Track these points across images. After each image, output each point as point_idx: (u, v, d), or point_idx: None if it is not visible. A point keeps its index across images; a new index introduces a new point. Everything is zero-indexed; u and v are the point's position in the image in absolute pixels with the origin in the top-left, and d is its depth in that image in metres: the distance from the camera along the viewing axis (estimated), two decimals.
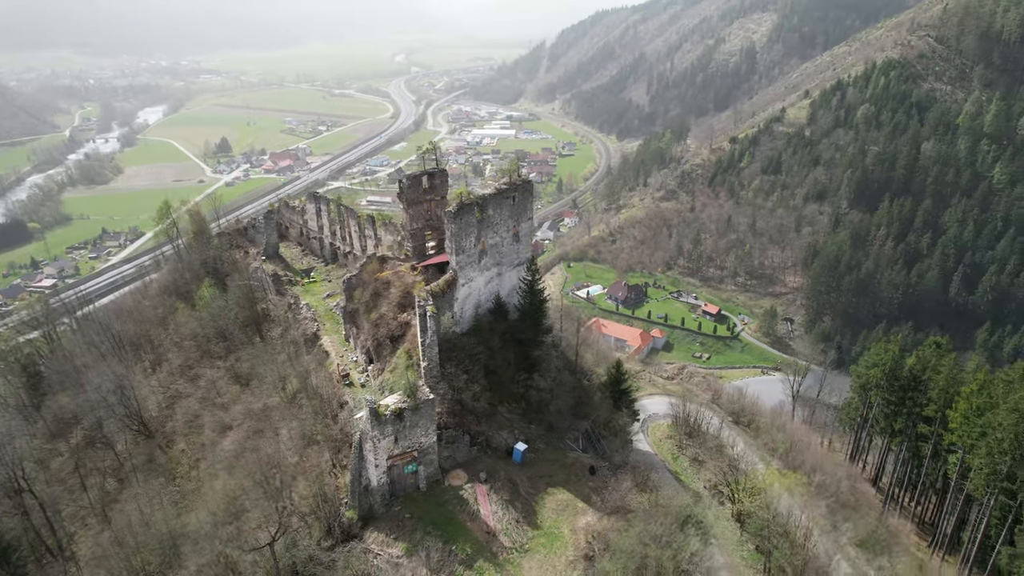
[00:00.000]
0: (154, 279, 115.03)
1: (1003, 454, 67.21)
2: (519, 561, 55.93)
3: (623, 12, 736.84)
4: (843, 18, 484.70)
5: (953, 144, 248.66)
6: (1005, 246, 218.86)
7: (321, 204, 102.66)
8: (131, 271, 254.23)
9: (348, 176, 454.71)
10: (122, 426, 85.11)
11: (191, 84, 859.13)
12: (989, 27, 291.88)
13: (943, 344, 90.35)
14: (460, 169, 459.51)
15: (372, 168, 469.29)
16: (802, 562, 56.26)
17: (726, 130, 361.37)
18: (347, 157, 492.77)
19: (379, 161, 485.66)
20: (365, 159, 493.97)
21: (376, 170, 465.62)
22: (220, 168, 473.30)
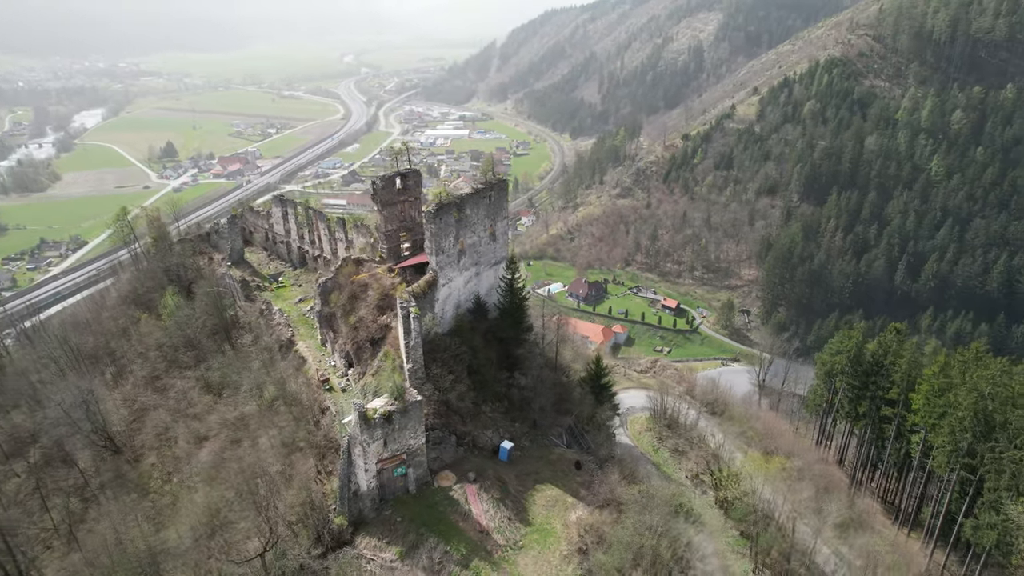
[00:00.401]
0: (111, 288, 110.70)
1: (964, 431, 70.56)
2: (514, 558, 56.14)
3: (572, 11, 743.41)
4: (785, 17, 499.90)
5: (894, 139, 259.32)
6: (944, 235, 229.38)
7: (288, 208, 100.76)
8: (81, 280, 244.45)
9: (301, 179, 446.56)
10: (87, 442, 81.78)
11: (131, 87, 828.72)
12: (921, 27, 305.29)
13: (903, 330, 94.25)
14: None
15: (325, 171, 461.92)
16: (788, 546, 58.00)
17: (678, 127, 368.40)
18: (298, 160, 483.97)
19: (332, 163, 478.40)
20: (317, 161, 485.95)
21: (329, 172, 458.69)
22: (166, 173, 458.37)
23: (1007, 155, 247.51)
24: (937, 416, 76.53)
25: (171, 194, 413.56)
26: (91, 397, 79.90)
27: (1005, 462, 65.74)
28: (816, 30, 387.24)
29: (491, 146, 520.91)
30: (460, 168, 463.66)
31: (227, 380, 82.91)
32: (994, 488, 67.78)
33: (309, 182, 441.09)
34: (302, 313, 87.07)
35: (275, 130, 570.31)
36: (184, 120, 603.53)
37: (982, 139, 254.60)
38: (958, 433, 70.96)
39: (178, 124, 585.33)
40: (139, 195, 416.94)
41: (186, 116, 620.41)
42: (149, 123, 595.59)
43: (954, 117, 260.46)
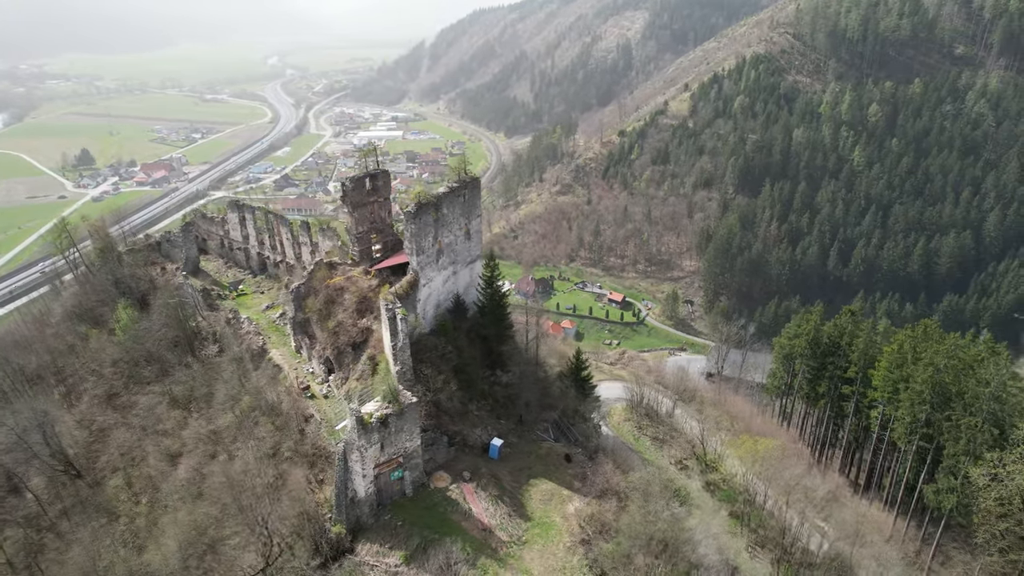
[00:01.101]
0: (55, 304, 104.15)
1: (922, 404, 75.24)
2: (519, 554, 56.33)
3: (500, 11, 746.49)
4: (708, 16, 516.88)
5: (819, 131, 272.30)
6: (869, 221, 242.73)
7: (245, 213, 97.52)
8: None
9: (231, 185, 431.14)
10: (43, 468, 76.93)
11: (35, 90, 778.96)
12: (835, 26, 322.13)
13: (857, 312, 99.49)
14: (350, 172, 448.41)
15: (256, 175, 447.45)
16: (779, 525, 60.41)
17: (613, 124, 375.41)
18: (227, 165, 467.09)
19: (263, 168, 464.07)
20: (247, 166, 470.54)
21: (260, 177, 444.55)
22: (84, 182, 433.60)
23: (919, 145, 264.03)
24: (894, 390, 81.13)
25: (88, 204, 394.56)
26: (46, 419, 75.09)
27: (962, 429, 70.43)
28: (739, 28, 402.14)
29: (426, 146, 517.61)
30: (397, 169, 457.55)
31: (196, 393, 79.75)
32: (952, 454, 72.51)
33: (240, 188, 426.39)
34: (272, 320, 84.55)
35: (200, 135, 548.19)
36: (99, 126, 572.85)
37: (896, 131, 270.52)
38: (916, 405, 75.54)
39: (92, 130, 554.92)
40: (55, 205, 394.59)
41: (101, 121, 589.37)
42: (59, 129, 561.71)
43: (871, 110, 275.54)
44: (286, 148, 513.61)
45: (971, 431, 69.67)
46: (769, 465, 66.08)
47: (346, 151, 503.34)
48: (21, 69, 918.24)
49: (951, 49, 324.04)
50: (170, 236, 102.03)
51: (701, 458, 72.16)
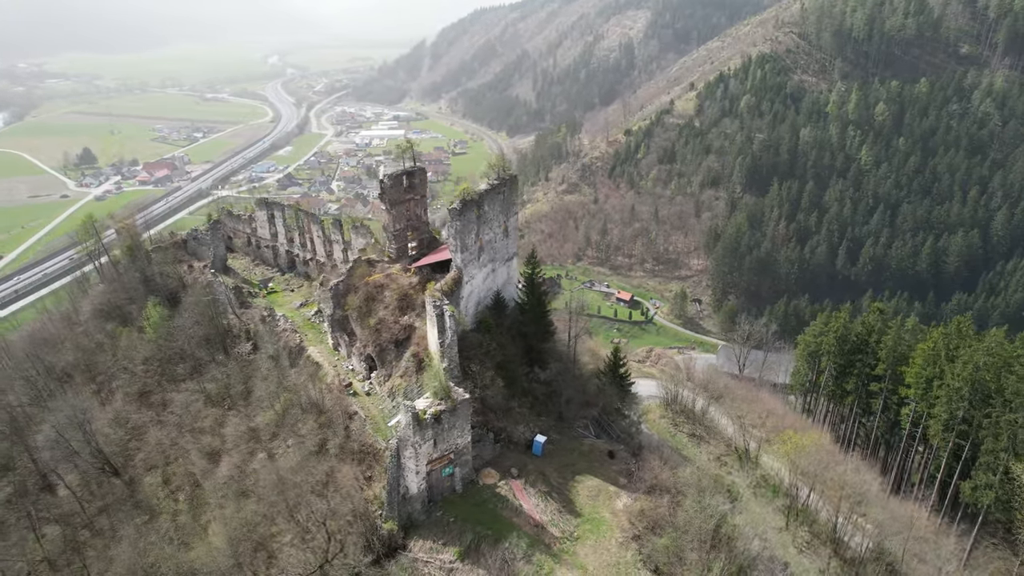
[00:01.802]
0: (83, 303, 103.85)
1: (961, 400, 75.62)
2: (573, 549, 56.46)
3: (501, 10, 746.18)
4: (710, 15, 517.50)
5: (826, 130, 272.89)
6: (877, 220, 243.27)
7: (274, 211, 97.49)
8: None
9: (234, 184, 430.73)
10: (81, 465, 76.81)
11: (35, 89, 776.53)
12: (841, 25, 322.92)
13: (886, 310, 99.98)
14: (353, 172, 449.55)
15: (259, 175, 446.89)
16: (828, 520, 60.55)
17: (618, 123, 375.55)
18: (230, 164, 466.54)
19: (265, 167, 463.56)
20: (250, 165, 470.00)
21: (263, 176, 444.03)
22: (86, 181, 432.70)
23: (926, 144, 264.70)
24: (927, 387, 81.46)
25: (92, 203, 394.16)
26: (86, 417, 74.96)
27: (1003, 425, 70.80)
28: (743, 27, 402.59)
29: (429, 146, 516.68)
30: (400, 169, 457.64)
31: (232, 391, 79.72)
32: (991, 450, 72.87)
33: (243, 187, 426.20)
34: (307, 318, 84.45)
35: (202, 134, 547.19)
36: (100, 125, 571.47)
37: (903, 130, 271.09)
38: (954, 402, 75.87)
39: (93, 129, 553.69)
40: (58, 204, 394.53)
41: (101, 120, 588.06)
42: (60, 128, 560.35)
43: (877, 110, 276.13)
44: (288, 147, 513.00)
45: (1012, 427, 70.05)
46: (814, 460, 66.44)
47: (348, 150, 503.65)
48: (20, 68, 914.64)
49: (956, 48, 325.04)
50: (197, 234, 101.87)
51: (742, 454, 72.41)
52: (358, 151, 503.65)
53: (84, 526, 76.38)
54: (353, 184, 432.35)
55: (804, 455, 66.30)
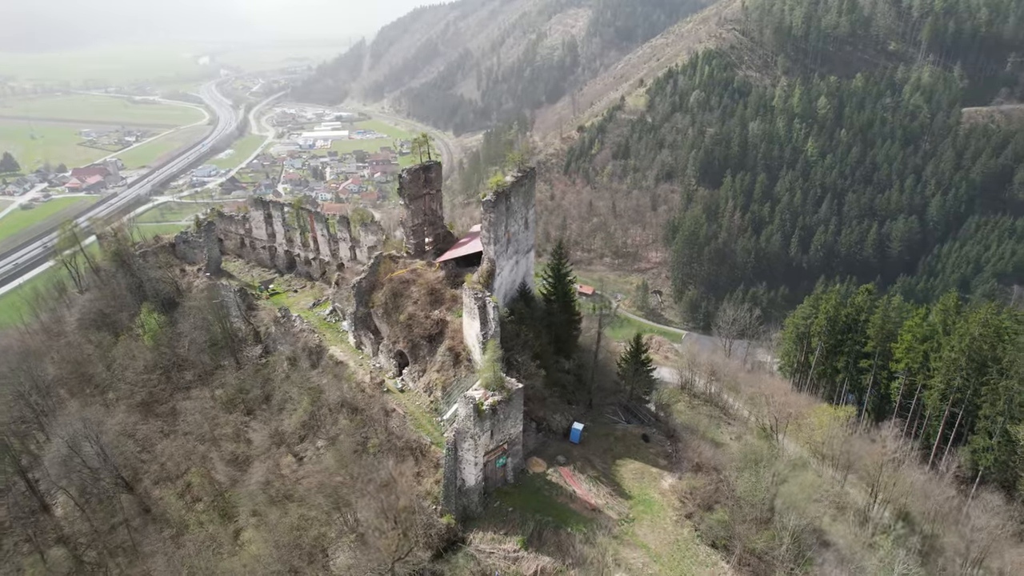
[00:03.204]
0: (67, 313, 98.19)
1: (958, 370, 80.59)
2: (631, 530, 57.57)
3: (441, 9, 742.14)
4: (650, 13, 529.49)
5: (773, 124, 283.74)
6: (826, 209, 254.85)
7: (271, 210, 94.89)
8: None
9: (175, 189, 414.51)
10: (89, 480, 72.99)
11: None
12: (781, 23, 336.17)
13: (873, 291, 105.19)
14: (299, 174, 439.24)
15: (200, 179, 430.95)
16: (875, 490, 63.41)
17: (569, 120, 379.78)
18: (168, 169, 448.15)
19: (206, 171, 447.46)
20: (190, 170, 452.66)
21: (205, 180, 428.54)
22: (9, 188, 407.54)
23: (865, 136, 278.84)
24: (923, 361, 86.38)
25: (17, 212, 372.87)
26: (99, 429, 71.32)
27: (1000, 391, 75.91)
28: (685, 24, 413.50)
29: (375, 146, 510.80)
30: (347, 170, 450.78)
31: (249, 396, 77.38)
32: (988, 415, 77.98)
33: (184, 192, 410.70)
34: (322, 318, 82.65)
35: (134, 138, 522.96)
36: (18, 128, 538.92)
37: (843, 122, 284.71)
38: (952, 372, 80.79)
39: (11, 133, 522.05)
40: None
41: (19, 124, 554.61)
42: None
43: (819, 103, 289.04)
44: (229, 150, 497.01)
45: (1009, 393, 75.19)
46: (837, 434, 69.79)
47: (292, 152, 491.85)
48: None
49: (885, 45, 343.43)
50: (188, 236, 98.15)
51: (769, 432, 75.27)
52: (302, 152, 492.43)
53: (89, 545, 72.90)
54: (300, 186, 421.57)
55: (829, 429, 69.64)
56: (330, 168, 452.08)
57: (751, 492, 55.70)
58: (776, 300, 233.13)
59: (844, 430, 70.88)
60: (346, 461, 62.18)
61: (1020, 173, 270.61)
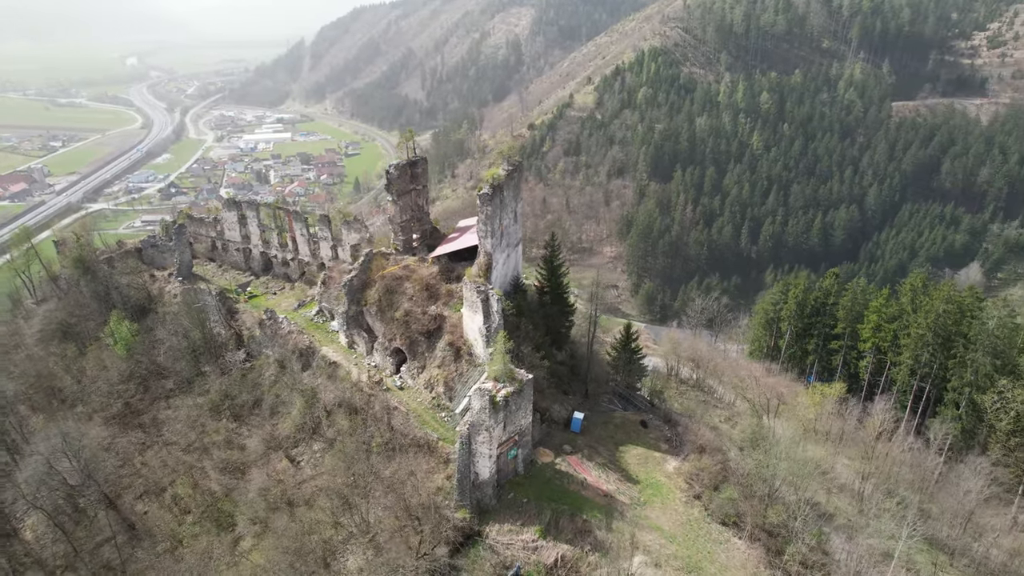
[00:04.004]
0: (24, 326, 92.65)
1: (926, 346, 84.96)
2: (644, 513, 58.47)
3: (382, 8, 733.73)
4: (592, 12, 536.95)
5: (719, 119, 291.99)
6: (773, 200, 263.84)
7: (246, 211, 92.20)
8: None
9: (110, 196, 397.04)
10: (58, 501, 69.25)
11: None
12: (722, 20, 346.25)
13: (839, 275, 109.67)
14: (242, 178, 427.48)
15: (137, 185, 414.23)
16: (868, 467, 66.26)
17: (518, 118, 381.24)
18: (101, 175, 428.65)
19: (143, 177, 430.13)
20: (124, 176, 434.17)
21: (143, 186, 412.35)
22: None
23: (806, 129, 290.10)
24: (893, 340, 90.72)
25: None
26: (79, 444, 67.77)
27: (967, 364, 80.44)
28: (628, 23, 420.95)
29: (319, 148, 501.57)
30: (292, 173, 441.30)
31: (237, 401, 75.08)
32: (956, 387, 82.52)
33: (121, 198, 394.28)
34: (308, 319, 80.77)
35: (60, 143, 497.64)
36: None
37: (785, 117, 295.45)
38: (921, 348, 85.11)
39: None
40: None
41: None
42: None
43: (762, 98, 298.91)
44: (166, 155, 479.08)
45: (975, 364, 79.74)
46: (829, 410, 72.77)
47: (233, 155, 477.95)
48: None
49: (819, 43, 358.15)
50: (156, 240, 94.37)
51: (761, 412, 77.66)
52: (244, 156, 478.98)
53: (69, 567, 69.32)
54: (243, 190, 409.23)
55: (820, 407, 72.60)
56: (274, 171, 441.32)
57: (761, 469, 57.48)
58: (729, 289, 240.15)
59: (836, 407, 74.04)
60: (353, 460, 61.05)
61: (946, 164, 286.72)
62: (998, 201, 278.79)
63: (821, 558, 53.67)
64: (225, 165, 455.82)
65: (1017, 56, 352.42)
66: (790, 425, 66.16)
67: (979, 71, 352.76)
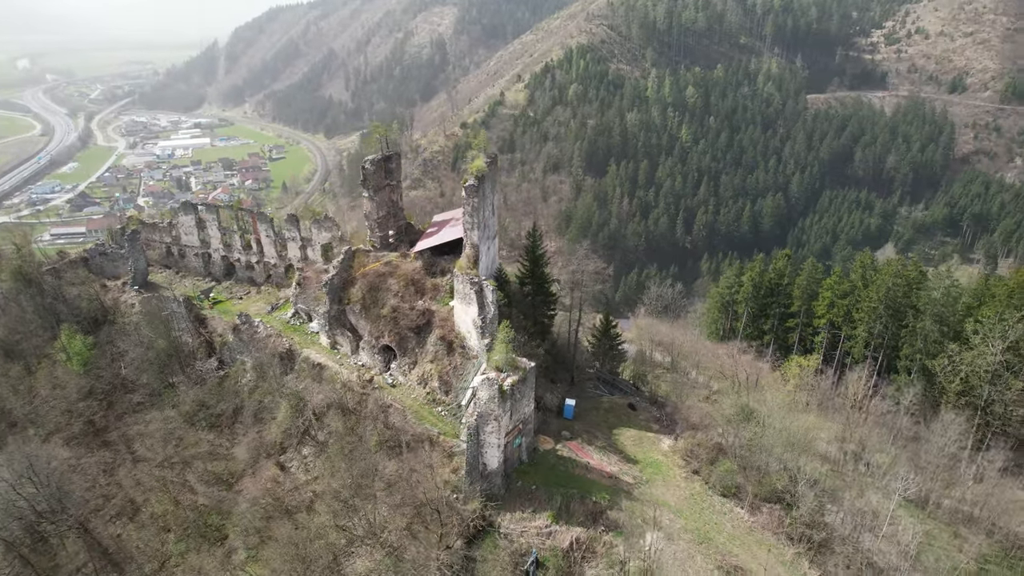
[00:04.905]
0: None
1: (879, 318, 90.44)
2: (649, 491, 59.83)
3: (299, 9, 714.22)
4: (515, 10, 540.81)
5: (648, 113, 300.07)
6: (704, 191, 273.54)
7: (205, 214, 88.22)
8: None
9: (10, 208, 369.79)
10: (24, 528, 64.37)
11: None
12: (646, 18, 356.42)
13: (791, 255, 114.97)
14: (161, 186, 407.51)
15: (42, 196, 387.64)
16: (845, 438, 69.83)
17: (449, 117, 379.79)
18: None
19: (48, 187, 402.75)
20: (26, 187, 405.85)
21: (49, 197, 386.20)
22: None
23: (731, 122, 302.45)
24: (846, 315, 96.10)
25: None
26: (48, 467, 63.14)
27: (917, 332, 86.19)
28: (553, 21, 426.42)
29: (241, 152, 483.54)
30: (214, 179, 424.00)
31: (214, 411, 71.96)
32: (908, 355, 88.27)
33: (24, 211, 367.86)
34: (284, 321, 78.07)
35: None
36: None
37: (711, 110, 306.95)
38: (874, 321, 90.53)
39: None
40: None
41: None
42: None
43: (688, 93, 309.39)
44: (72, 164, 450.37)
45: (924, 332, 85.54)
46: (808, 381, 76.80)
47: (149, 163, 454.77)
48: None
49: (737, 39, 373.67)
50: (105, 248, 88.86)
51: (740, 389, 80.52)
52: (161, 163, 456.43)
53: None
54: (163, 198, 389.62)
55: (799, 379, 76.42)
56: (195, 178, 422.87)
57: (757, 439, 59.90)
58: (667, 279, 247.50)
59: (814, 378, 78.12)
60: (354, 461, 59.65)
61: (858, 152, 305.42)
62: (904, 186, 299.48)
63: (820, 519, 56.46)
64: (141, 173, 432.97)
65: (911, 52, 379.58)
66: (776, 396, 69.10)
67: (879, 66, 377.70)
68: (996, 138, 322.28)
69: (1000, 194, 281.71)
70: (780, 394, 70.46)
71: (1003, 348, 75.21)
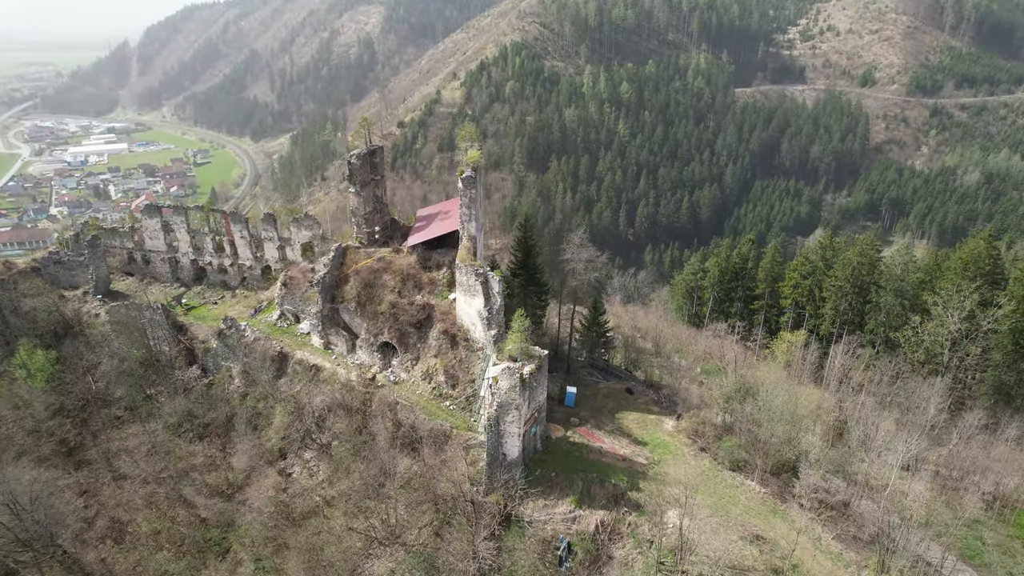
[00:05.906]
0: None
1: (844, 296, 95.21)
2: (663, 471, 61.04)
3: (217, 7, 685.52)
4: (443, 9, 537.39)
5: (586, 109, 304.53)
6: (643, 184, 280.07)
7: (172, 217, 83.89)
8: None
9: None
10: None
11: None
12: (577, 15, 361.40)
13: (755, 240, 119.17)
14: (77, 194, 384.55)
15: None
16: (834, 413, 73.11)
17: (384, 116, 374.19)
18: None
19: None
20: None
21: None
22: None
23: (665, 116, 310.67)
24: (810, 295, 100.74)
25: None
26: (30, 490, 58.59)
27: (881, 306, 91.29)
28: (484, 19, 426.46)
29: (163, 158, 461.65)
30: (136, 186, 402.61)
31: (200, 421, 68.70)
32: (872, 329, 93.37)
33: None
34: (271, 324, 75.15)
35: None
36: None
37: (645, 105, 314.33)
38: (840, 298, 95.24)
39: None
40: None
41: None
42: None
43: (622, 88, 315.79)
44: None
45: (887, 306, 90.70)
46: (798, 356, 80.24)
47: (60, 170, 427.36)
48: None
49: (665, 36, 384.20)
50: (60, 256, 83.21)
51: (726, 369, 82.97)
52: (74, 171, 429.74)
53: None
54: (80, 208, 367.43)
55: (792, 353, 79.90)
56: (114, 186, 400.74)
57: (762, 413, 62.10)
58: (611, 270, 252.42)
59: (802, 352, 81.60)
60: (368, 459, 58.25)
61: (784, 143, 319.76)
62: (828, 174, 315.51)
63: (826, 484, 59.14)
64: (52, 181, 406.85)
65: (824, 48, 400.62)
66: (771, 371, 71.80)
67: (797, 61, 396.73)
68: (904, 128, 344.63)
69: (912, 180, 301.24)
70: (774, 370, 73.02)
71: (961, 317, 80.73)
